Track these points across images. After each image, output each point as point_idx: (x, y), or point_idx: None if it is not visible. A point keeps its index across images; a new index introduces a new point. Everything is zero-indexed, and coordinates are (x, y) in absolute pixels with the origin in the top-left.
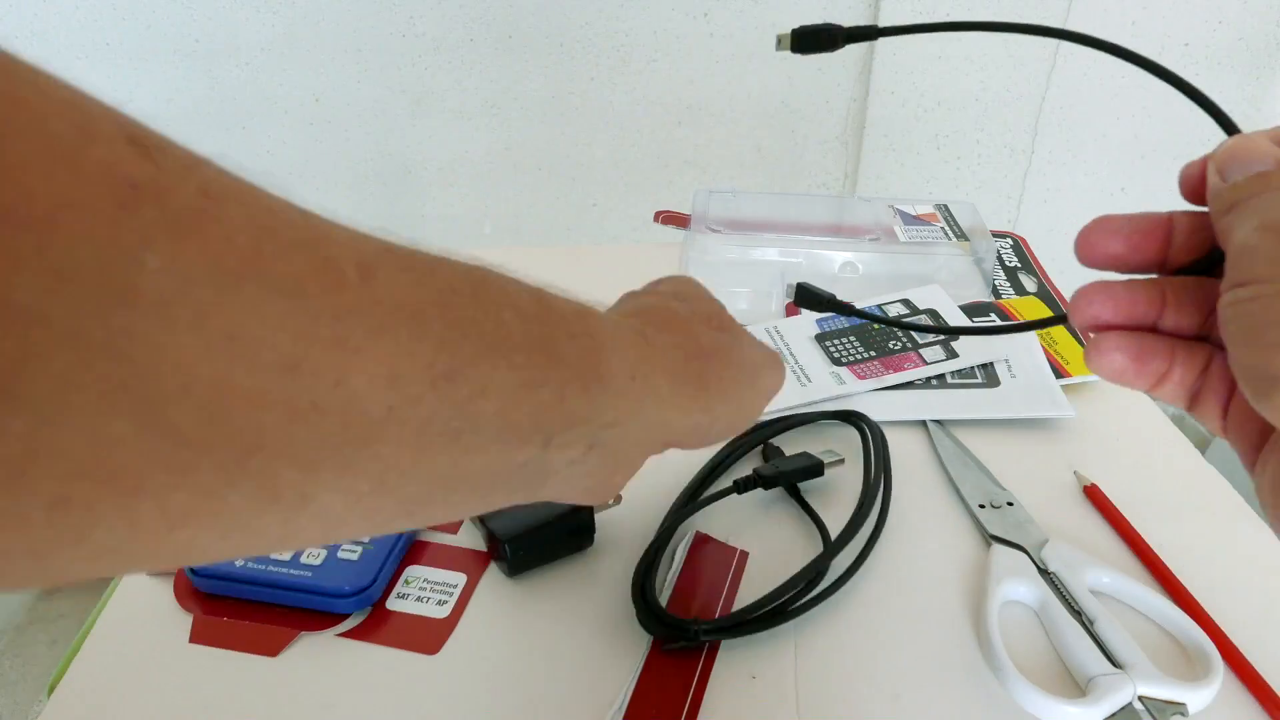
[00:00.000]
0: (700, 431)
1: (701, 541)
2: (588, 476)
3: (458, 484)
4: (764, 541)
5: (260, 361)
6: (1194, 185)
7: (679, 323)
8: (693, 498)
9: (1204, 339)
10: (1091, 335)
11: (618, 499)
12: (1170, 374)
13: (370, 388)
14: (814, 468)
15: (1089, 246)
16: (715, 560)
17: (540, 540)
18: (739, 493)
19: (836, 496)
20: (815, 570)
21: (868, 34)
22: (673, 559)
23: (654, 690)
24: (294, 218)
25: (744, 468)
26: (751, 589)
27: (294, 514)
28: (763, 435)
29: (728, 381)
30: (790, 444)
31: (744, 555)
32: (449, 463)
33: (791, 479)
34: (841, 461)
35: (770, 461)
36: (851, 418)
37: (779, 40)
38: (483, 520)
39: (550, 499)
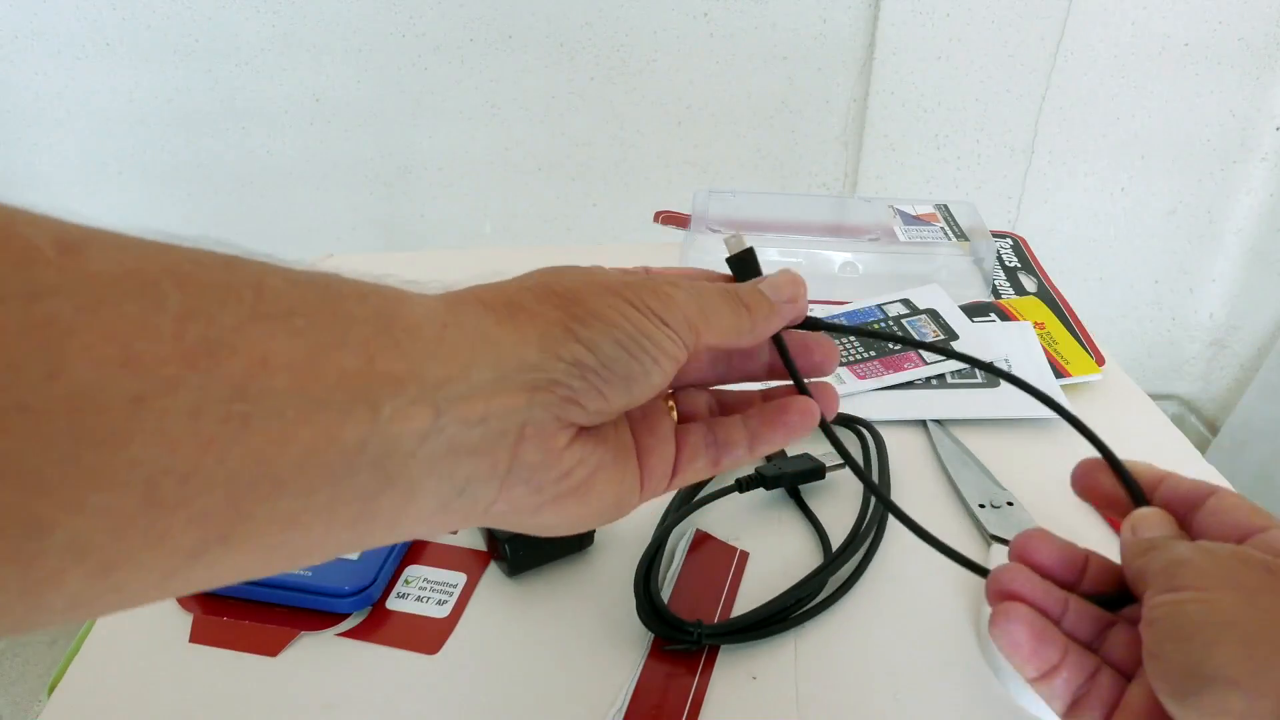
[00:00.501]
0: (590, 370)
1: (702, 540)
2: (482, 455)
3: (277, 486)
4: (763, 542)
5: None
6: (1085, 482)
7: (504, 279)
8: (692, 495)
9: (1093, 652)
10: (1001, 603)
11: None
12: (1060, 668)
13: (99, 375)
14: (815, 470)
15: (1028, 546)
16: (715, 560)
17: (540, 539)
18: (740, 491)
19: (837, 500)
20: (816, 585)
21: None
22: (673, 557)
23: (655, 690)
24: None
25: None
26: (751, 589)
27: (34, 553)
28: None
29: (590, 304)
30: (790, 444)
31: (744, 555)
32: (247, 457)
33: (793, 480)
34: (843, 466)
35: (772, 461)
36: (852, 423)
37: (728, 242)
38: None
39: (470, 509)
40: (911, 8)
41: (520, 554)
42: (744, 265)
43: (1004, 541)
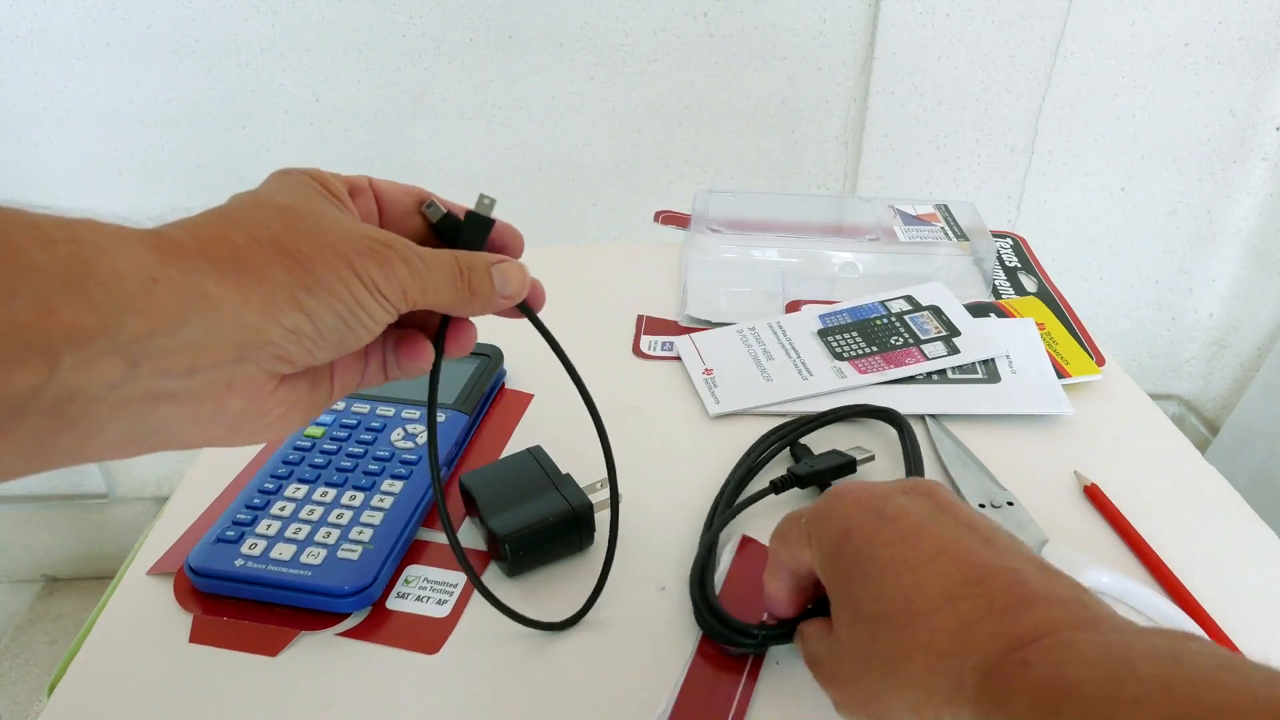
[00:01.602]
0: (306, 338)
1: (746, 544)
2: (183, 403)
3: None
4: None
5: None
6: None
7: (231, 215)
8: (731, 500)
9: None
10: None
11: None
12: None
13: None
14: (847, 465)
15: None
16: (760, 564)
17: (540, 539)
18: (776, 493)
19: None
20: None
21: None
22: (719, 563)
23: (701, 693)
24: None
25: (776, 468)
26: None
27: None
28: (790, 434)
29: (318, 272)
30: (809, 441)
31: None
32: None
33: (826, 477)
34: (872, 458)
35: (803, 460)
36: (883, 414)
37: (481, 200)
38: (483, 519)
39: (164, 443)
40: (911, 8)
41: (520, 553)
42: (478, 230)
43: None
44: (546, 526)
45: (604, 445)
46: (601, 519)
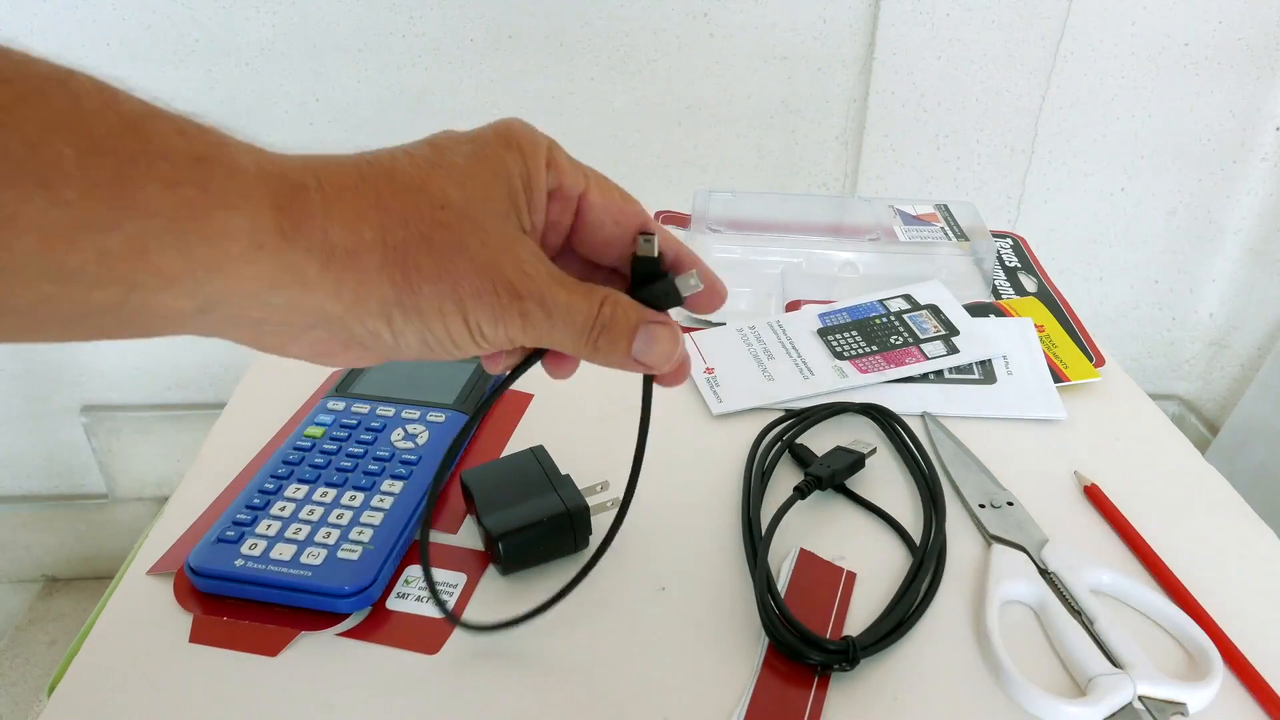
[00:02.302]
0: (384, 344)
1: (806, 560)
2: (245, 330)
3: (7, 314)
4: (829, 541)
5: None
6: None
7: (383, 196)
8: (755, 508)
9: None
10: None
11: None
12: None
13: None
14: (858, 462)
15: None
16: (819, 575)
17: (533, 539)
18: (802, 497)
19: (882, 484)
20: (918, 590)
21: None
22: (778, 578)
23: (771, 707)
24: None
25: (782, 470)
26: (856, 603)
27: None
28: (783, 435)
29: (423, 297)
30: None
31: (851, 576)
32: None
33: (842, 476)
34: (874, 451)
35: (820, 461)
36: (871, 411)
37: (690, 279)
38: (479, 519)
39: (213, 332)
40: (911, 8)
41: (512, 553)
42: (664, 297)
43: (1004, 542)
44: (540, 526)
45: (636, 463)
46: (600, 520)
